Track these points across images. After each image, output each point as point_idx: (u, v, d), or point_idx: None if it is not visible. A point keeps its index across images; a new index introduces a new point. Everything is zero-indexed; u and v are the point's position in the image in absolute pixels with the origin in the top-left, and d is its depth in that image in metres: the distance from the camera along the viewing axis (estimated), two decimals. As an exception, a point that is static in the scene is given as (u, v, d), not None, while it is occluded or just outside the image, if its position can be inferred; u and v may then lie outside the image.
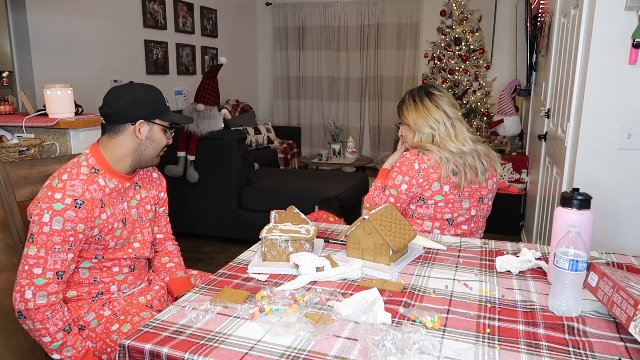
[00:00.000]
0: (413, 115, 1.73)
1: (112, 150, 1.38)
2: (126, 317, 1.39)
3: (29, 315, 1.25)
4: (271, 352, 0.89)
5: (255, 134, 5.65)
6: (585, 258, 1.02)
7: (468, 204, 1.69)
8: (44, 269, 1.24)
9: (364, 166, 5.30)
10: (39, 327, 1.26)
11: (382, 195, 1.72)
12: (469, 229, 1.74)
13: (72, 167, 1.33)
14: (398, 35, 6.24)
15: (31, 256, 1.24)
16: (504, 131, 4.52)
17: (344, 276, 1.22)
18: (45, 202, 1.25)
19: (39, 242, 1.24)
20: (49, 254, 1.24)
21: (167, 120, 1.43)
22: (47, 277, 1.25)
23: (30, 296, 1.24)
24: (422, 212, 1.70)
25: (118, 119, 1.36)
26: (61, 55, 3.75)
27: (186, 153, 3.57)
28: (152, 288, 1.55)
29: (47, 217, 1.24)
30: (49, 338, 1.27)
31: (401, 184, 1.66)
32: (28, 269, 1.24)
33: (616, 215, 1.90)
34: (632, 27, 1.74)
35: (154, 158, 1.45)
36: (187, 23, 5.25)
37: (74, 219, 1.26)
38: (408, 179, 1.65)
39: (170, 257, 1.62)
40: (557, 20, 2.71)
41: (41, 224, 1.24)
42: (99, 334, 1.37)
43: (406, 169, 1.65)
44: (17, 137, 2.13)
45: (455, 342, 0.92)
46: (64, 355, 1.29)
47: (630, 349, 0.91)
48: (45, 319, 1.26)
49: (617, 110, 1.83)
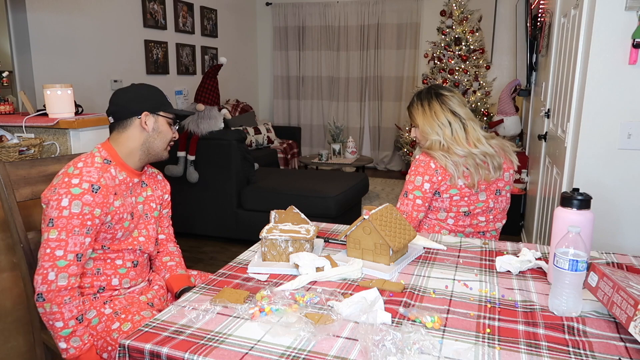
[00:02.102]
0: (421, 119, 1.74)
1: (122, 144, 1.44)
2: (127, 316, 1.40)
3: (49, 297, 1.28)
4: (271, 352, 0.89)
5: (255, 134, 5.65)
6: (585, 258, 1.02)
7: (485, 196, 1.71)
8: (65, 251, 1.29)
9: (364, 166, 5.30)
10: (55, 310, 1.28)
11: (406, 201, 1.71)
12: (486, 219, 1.74)
13: (86, 157, 1.39)
14: (398, 35, 6.24)
15: (52, 239, 1.28)
16: (504, 131, 4.52)
17: (344, 276, 1.22)
18: (63, 187, 1.30)
19: (59, 226, 1.28)
20: (70, 236, 1.29)
21: (170, 112, 1.49)
22: (68, 259, 1.29)
23: (54, 277, 1.28)
24: (438, 205, 1.71)
25: (124, 115, 1.43)
26: (61, 55, 3.75)
27: (186, 153, 3.57)
28: (152, 287, 1.56)
29: (66, 201, 1.29)
30: (62, 323, 1.29)
31: (423, 184, 1.67)
32: (50, 252, 1.28)
33: (616, 216, 1.90)
34: (632, 27, 1.74)
35: (162, 151, 1.50)
36: (187, 23, 5.25)
37: (91, 203, 1.31)
38: (428, 177, 1.66)
39: (172, 257, 1.64)
40: (557, 20, 2.71)
41: (60, 208, 1.28)
42: (100, 332, 1.38)
43: (423, 170, 1.67)
44: (17, 137, 2.13)
45: (455, 342, 0.92)
46: (70, 345, 1.31)
47: (630, 349, 0.91)
48: (63, 303, 1.29)
49: (617, 110, 1.83)
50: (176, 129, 1.53)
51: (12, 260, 1.75)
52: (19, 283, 1.74)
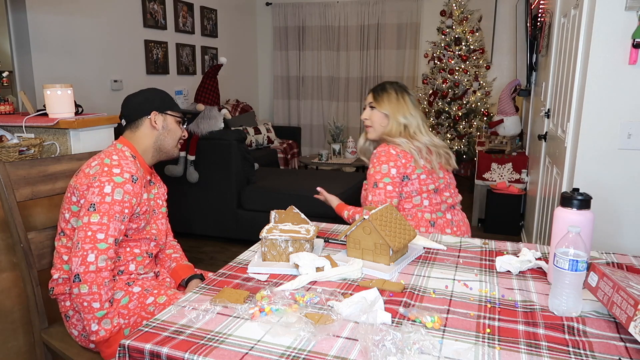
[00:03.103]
0: (394, 105, 1.85)
1: (137, 142, 1.52)
2: (159, 291, 1.47)
3: (86, 278, 1.31)
4: (271, 352, 0.89)
5: (255, 134, 5.65)
6: (585, 258, 1.02)
7: (442, 173, 1.86)
8: (106, 235, 1.35)
9: (364, 166, 5.29)
10: (95, 290, 1.32)
11: (377, 191, 1.77)
12: (450, 194, 1.89)
13: (115, 152, 1.45)
14: (398, 35, 6.24)
15: (94, 223, 1.34)
16: (504, 131, 4.51)
17: (344, 276, 1.22)
18: (105, 176, 1.38)
19: (101, 210, 1.35)
20: (111, 221, 1.36)
21: (177, 111, 1.58)
22: (108, 243, 1.35)
23: (93, 259, 1.32)
24: (409, 189, 1.81)
25: (134, 116, 1.52)
26: (61, 55, 3.75)
27: (186, 153, 3.57)
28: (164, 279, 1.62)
29: (109, 188, 1.36)
30: (99, 304, 1.33)
31: (390, 170, 1.76)
32: (91, 235, 1.34)
33: (616, 216, 1.90)
34: (632, 27, 1.74)
35: (173, 148, 1.59)
36: (187, 23, 5.25)
37: (131, 192, 1.40)
38: (392, 163, 1.77)
39: (175, 249, 1.72)
40: (557, 20, 2.71)
41: (103, 194, 1.36)
42: (133, 309, 1.43)
43: (386, 158, 1.77)
44: (17, 137, 2.13)
45: (455, 342, 0.92)
46: (102, 326, 1.34)
47: (630, 349, 0.91)
48: (103, 285, 1.33)
49: (617, 110, 1.83)
50: (184, 127, 1.61)
51: (12, 260, 1.75)
52: (19, 283, 1.74)
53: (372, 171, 1.80)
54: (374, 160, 1.80)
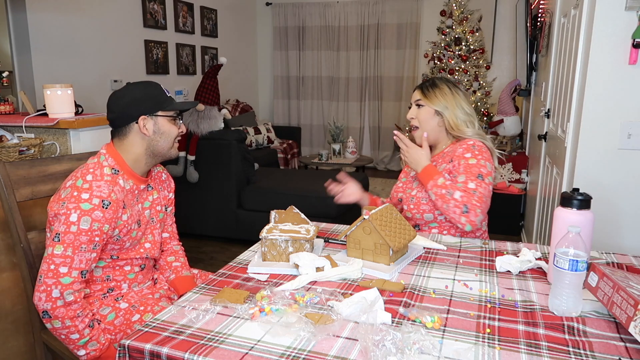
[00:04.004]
0: (449, 99, 1.69)
1: (127, 151, 1.39)
2: (146, 307, 1.41)
3: (55, 314, 1.24)
4: (271, 352, 0.89)
5: (255, 134, 5.65)
6: (585, 258, 1.02)
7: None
8: (70, 268, 1.24)
9: (364, 166, 5.30)
10: (69, 324, 1.26)
11: (483, 184, 1.58)
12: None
13: (94, 168, 1.33)
14: (398, 35, 6.24)
15: (57, 255, 1.24)
16: (504, 131, 4.52)
17: (344, 276, 1.22)
18: (72, 202, 1.25)
19: (65, 241, 1.24)
20: (76, 253, 1.25)
21: (169, 110, 1.42)
22: (72, 276, 1.25)
23: (58, 295, 1.23)
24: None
25: (122, 121, 1.39)
26: (61, 55, 3.75)
27: (186, 153, 3.57)
28: (162, 286, 1.58)
29: (75, 216, 1.24)
30: (78, 335, 1.27)
31: (491, 171, 1.62)
32: (54, 269, 1.23)
33: (616, 215, 1.90)
34: (632, 27, 1.74)
35: (169, 150, 1.44)
36: (187, 23, 5.25)
37: (101, 219, 1.27)
38: (490, 165, 1.63)
39: (176, 257, 1.64)
40: (557, 20, 2.71)
41: (68, 223, 1.24)
42: (118, 326, 1.39)
43: (487, 155, 1.65)
44: (17, 137, 2.13)
45: (455, 342, 0.92)
46: (89, 349, 1.30)
47: (630, 349, 0.91)
48: (76, 317, 1.26)
49: (617, 110, 1.83)
50: (180, 122, 1.46)
51: (12, 260, 1.75)
52: (19, 283, 1.74)
53: (474, 161, 1.60)
54: (475, 151, 1.62)
